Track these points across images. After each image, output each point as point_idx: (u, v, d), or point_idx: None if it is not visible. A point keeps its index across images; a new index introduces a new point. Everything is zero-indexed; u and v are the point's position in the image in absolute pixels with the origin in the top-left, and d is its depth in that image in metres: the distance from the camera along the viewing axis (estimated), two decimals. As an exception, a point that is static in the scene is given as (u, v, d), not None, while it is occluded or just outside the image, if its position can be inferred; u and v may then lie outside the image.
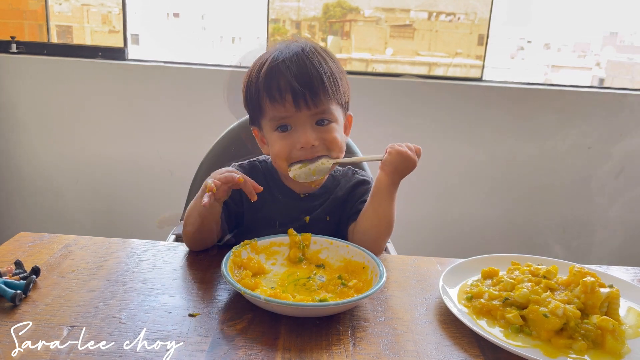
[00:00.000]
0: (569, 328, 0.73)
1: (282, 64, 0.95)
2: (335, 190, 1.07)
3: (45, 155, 2.41)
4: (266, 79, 0.95)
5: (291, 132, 0.97)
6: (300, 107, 0.94)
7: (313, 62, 0.95)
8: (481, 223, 2.45)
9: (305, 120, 0.96)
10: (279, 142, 0.98)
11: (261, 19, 2.43)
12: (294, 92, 0.93)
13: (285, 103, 0.94)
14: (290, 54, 0.96)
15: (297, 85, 0.93)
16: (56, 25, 2.59)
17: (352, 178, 1.09)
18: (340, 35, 2.69)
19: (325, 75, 0.96)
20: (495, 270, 0.88)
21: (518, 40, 3.25)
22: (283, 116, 0.96)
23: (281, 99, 0.94)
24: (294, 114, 0.95)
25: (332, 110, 0.98)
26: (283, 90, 0.94)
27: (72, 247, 0.95)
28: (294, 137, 0.96)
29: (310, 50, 0.97)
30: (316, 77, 0.94)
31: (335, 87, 0.97)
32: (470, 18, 2.56)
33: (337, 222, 1.05)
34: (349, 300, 0.76)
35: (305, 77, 0.94)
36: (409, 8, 2.63)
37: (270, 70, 0.95)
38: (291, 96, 0.94)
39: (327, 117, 0.98)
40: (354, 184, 1.08)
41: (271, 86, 0.95)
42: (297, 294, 0.80)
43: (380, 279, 0.80)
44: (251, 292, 0.75)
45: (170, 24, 3.13)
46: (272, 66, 0.95)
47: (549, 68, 3.22)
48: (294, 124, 0.96)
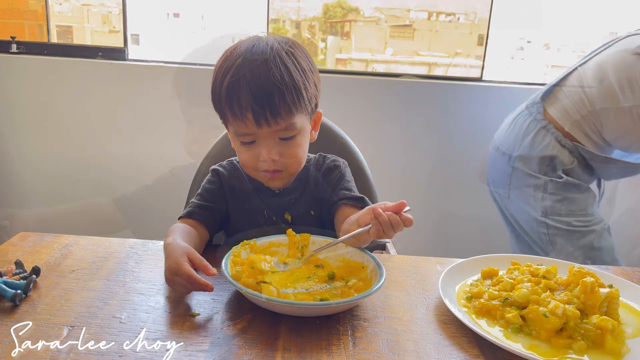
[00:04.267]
0: (568, 328, 0.73)
1: (242, 79, 0.91)
2: (308, 181, 1.06)
3: (45, 155, 2.41)
4: (228, 93, 0.92)
5: (255, 145, 0.96)
6: (262, 125, 0.92)
7: (275, 75, 0.91)
8: (481, 223, 2.45)
9: (267, 135, 0.94)
10: (243, 153, 0.98)
11: (261, 19, 2.43)
12: (254, 110, 0.91)
13: (247, 121, 0.92)
14: (253, 65, 0.91)
15: (257, 104, 0.90)
16: (56, 25, 2.59)
17: (323, 165, 1.09)
18: (340, 36, 2.69)
19: (288, 90, 0.91)
20: (495, 270, 0.88)
21: (518, 40, 3.25)
22: (244, 132, 0.94)
23: (242, 115, 0.92)
24: (255, 131, 0.93)
25: (294, 124, 0.94)
26: (244, 107, 0.91)
27: (72, 247, 0.95)
28: (256, 150, 0.96)
29: (274, 58, 0.92)
30: (278, 94, 0.91)
31: (298, 100, 0.93)
32: (470, 18, 2.56)
33: (319, 216, 1.05)
34: (349, 299, 0.76)
35: (265, 96, 0.90)
36: (408, 8, 2.63)
37: (232, 86, 0.92)
38: (252, 114, 0.91)
39: (289, 134, 0.95)
40: (325, 170, 1.07)
41: (232, 102, 0.92)
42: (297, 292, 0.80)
43: (380, 278, 0.80)
44: (253, 292, 0.75)
45: (170, 24, 3.13)
46: (233, 81, 0.92)
47: (549, 68, 3.22)
48: (257, 138, 0.95)
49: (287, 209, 1.04)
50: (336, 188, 1.05)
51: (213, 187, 1.05)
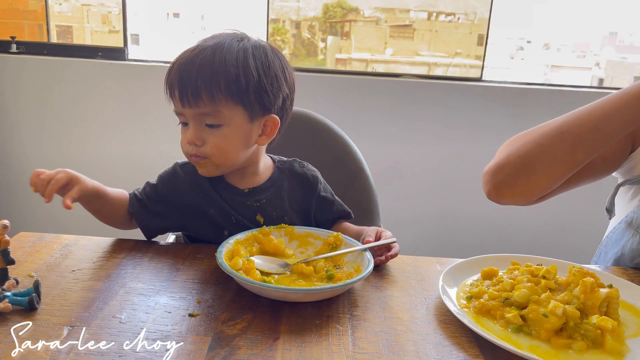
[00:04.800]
0: (568, 328, 0.73)
1: (182, 60, 0.92)
2: (282, 182, 1.03)
3: (45, 155, 2.41)
4: (168, 71, 0.94)
5: (187, 127, 0.95)
6: (184, 104, 0.91)
7: (210, 60, 0.90)
8: (481, 223, 2.45)
9: (193, 117, 0.92)
10: (181, 135, 0.97)
11: (261, 19, 2.43)
12: (180, 88, 0.91)
13: (175, 99, 0.93)
14: (197, 50, 0.92)
15: (182, 83, 0.90)
16: (56, 25, 2.59)
17: (300, 170, 1.06)
18: (340, 36, 2.69)
19: (216, 75, 0.89)
20: (495, 270, 0.88)
21: (518, 40, 3.25)
22: (176, 111, 0.95)
23: (172, 93, 0.93)
24: (182, 110, 0.93)
25: (220, 113, 0.91)
26: (174, 85, 0.92)
27: (72, 247, 0.95)
28: (186, 133, 0.95)
29: (221, 47, 0.91)
30: (203, 76, 0.89)
31: (228, 89, 0.90)
32: (470, 18, 2.56)
33: (293, 221, 1.01)
34: (342, 283, 0.79)
35: (191, 75, 0.90)
36: (408, 8, 2.63)
37: (172, 65, 0.93)
38: (178, 92, 0.91)
39: (215, 121, 0.92)
40: (305, 180, 1.05)
41: (168, 80, 0.93)
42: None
43: (368, 265, 0.84)
44: (245, 278, 0.77)
45: (170, 24, 3.13)
46: (175, 62, 0.93)
47: (549, 68, 3.22)
48: (187, 120, 0.94)
49: (257, 209, 1.00)
50: (326, 203, 1.05)
51: (163, 187, 1.03)
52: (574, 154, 0.93)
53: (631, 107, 0.89)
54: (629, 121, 0.90)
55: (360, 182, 1.34)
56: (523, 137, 0.99)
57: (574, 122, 0.94)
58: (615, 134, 0.92)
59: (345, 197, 1.11)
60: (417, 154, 2.40)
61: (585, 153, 0.93)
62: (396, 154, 2.39)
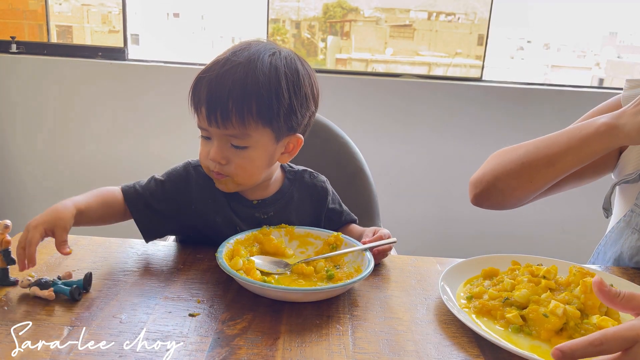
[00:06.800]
0: (568, 328, 0.73)
1: (215, 71, 0.88)
2: (291, 195, 1.02)
3: (45, 155, 2.41)
4: (195, 84, 0.90)
5: (210, 142, 0.92)
6: (212, 124, 0.88)
7: (242, 80, 0.86)
8: (481, 223, 2.45)
9: (219, 136, 0.90)
10: (201, 146, 0.94)
11: (261, 19, 2.43)
12: (207, 107, 0.87)
13: (201, 115, 0.89)
14: (227, 66, 0.87)
15: (211, 102, 0.87)
16: (56, 25, 2.59)
17: (310, 182, 1.04)
18: (340, 35, 2.69)
19: (248, 98, 0.86)
20: (495, 270, 0.88)
21: (518, 40, 3.25)
22: (201, 126, 0.92)
23: (198, 109, 0.90)
24: (208, 128, 0.90)
25: (248, 135, 0.88)
26: (201, 101, 0.88)
27: (72, 247, 0.94)
28: (210, 147, 0.92)
29: (254, 63, 0.87)
30: (234, 99, 0.85)
31: (260, 113, 0.87)
32: (470, 18, 2.56)
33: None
34: (342, 284, 0.78)
35: (220, 96, 0.86)
36: (408, 8, 2.63)
37: (199, 79, 0.89)
38: (205, 110, 0.88)
39: (241, 143, 0.89)
40: (317, 192, 1.04)
41: (194, 93, 0.90)
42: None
43: (369, 265, 0.84)
44: (245, 278, 0.77)
45: (170, 24, 3.13)
46: (203, 75, 0.89)
47: (549, 68, 3.22)
48: (211, 136, 0.92)
49: (266, 224, 0.97)
50: (335, 215, 1.05)
51: (171, 187, 0.98)
52: (532, 182, 1.00)
53: (585, 145, 0.93)
54: (582, 159, 0.95)
55: (360, 182, 1.34)
56: (502, 155, 1.06)
57: (533, 154, 1.00)
58: (568, 170, 0.97)
59: (345, 197, 1.11)
60: (417, 154, 2.40)
61: (541, 183, 1.00)
62: (396, 154, 2.39)
